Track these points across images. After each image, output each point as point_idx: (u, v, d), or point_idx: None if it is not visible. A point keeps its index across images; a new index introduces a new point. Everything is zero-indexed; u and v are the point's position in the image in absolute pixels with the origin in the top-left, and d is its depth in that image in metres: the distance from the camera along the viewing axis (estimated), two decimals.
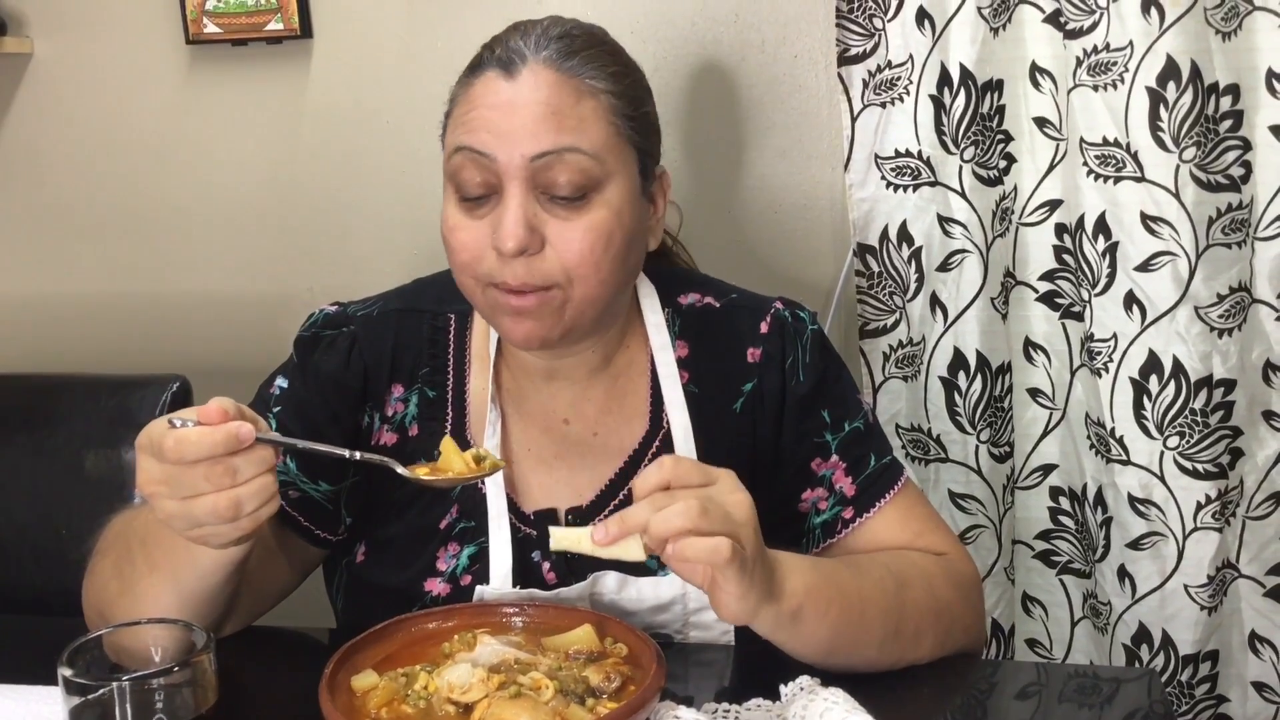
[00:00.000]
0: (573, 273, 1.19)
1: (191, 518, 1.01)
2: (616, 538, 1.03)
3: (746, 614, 1.06)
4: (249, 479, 1.01)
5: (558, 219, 1.19)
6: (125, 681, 0.92)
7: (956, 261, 1.78)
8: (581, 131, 1.19)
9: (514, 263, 1.18)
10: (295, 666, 1.30)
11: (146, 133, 2.09)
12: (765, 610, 1.07)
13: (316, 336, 1.34)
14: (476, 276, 1.22)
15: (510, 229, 1.17)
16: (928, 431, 1.85)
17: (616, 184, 1.22)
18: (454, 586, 1.27)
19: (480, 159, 1.19)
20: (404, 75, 1.99)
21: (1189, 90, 1.63)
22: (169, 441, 0.99)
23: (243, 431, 1.00)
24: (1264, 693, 1.81)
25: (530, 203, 1.19)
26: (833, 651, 1.14)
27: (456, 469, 1.13)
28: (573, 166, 1.18)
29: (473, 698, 1.00)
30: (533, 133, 1.17)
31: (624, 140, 1.23)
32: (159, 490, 1.01)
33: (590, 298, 1.21)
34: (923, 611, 1.21)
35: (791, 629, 1.10)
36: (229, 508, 1.00)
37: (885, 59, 1.75)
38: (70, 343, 2.16)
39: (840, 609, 1.13)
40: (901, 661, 1.19)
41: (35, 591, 1.63)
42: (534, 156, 1.17)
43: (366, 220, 2.06)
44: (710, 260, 1.60)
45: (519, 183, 1.18)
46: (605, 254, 1.20)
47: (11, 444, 1.68)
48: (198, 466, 0.99)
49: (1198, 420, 1.71)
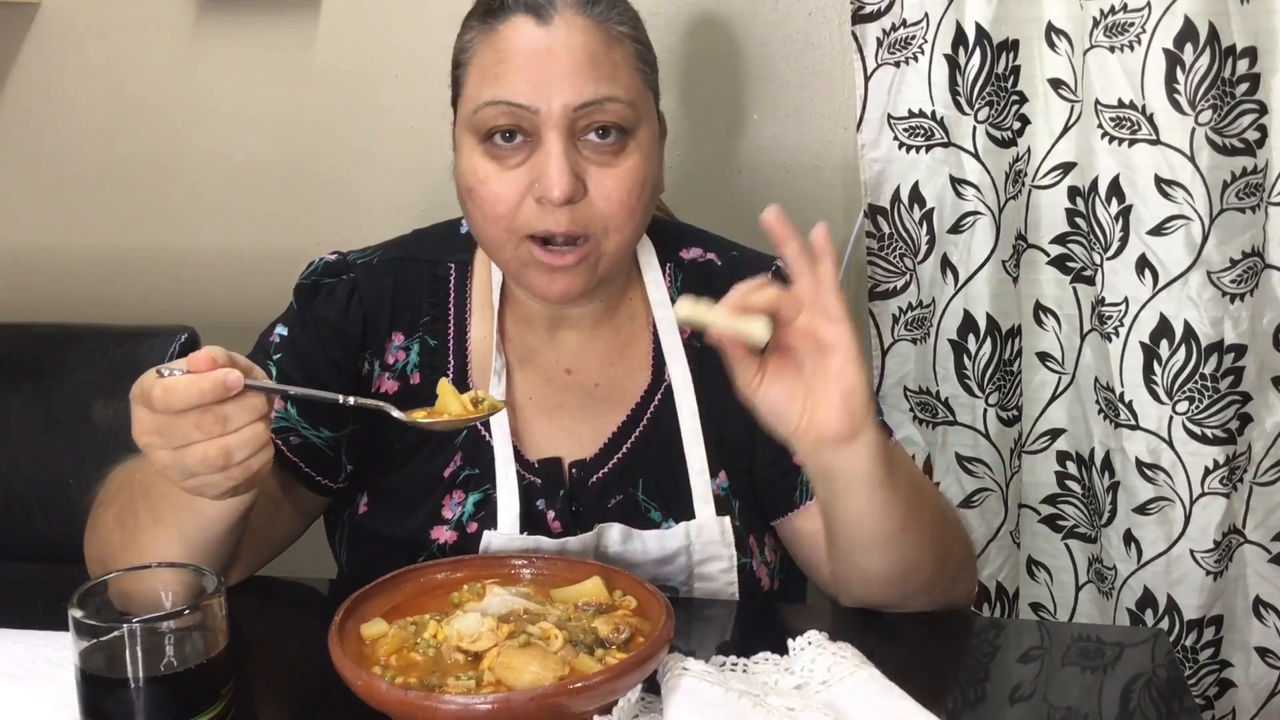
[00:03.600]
0: (610, 221, 1.21)
1: (184, 467, 1.01)
2: (746, 307, 1.04)
3: (860, 410, 1.07)
4: (239, 427, 1.00)
5: (596, 166, 1.20)
6: (136, 624, 0.91)
7: (968, 224, 1.77)
8: (616, 79, 1.20)
9: (558, 211, 1.18)
10: (302, 616, 1.31)
11: (155, 84, 2.08)
12: (870, 425, 1.08)
13: (316, 284, 1.34)
14: (511, 229, 1.21)
15: (557, 177, 1.17)
16: (936, 394, 1.84)
17: (645, 129, 1.23)
18: (461, 534, 1.27)
19: (519, 111, 1.18)
20: (413, 28, 1.97)
21: (1206, 52, 1.61)
22: (157, 390, 0.99)
23: (230, 379, 0.99)
24: (1267, 658, 1.82)
25: (571, 150, 1.19)
26: (906, 523, 1.15)
27: (454, 411, 1.12)
28: (612, 114, 1.19)
29: (482, 646, 1.01)
30: (575, 83, 1.17)
31: (646, 84, 1.25)
32: (152, 440, 1.01)
33: (624, 245, 1.24)
34: (953, 524, 1.27)
35: (889, 465, 1.10)
36: (219, 456, 0.99)
37: (900, 17, 1.73)
38: (78, 295, 2.16)
39: (911, 481, 1.17)
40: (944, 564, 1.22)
41: (42, 540, 1.63)
42: (577, 107, 1.17)
43: (375, 174, 2.05)
44: (719, 219, 1.59)
45: (559, 131, 1.18)
46: (639, 200, 1.22)
47: (19, 393, 1.68)
48: (187, 415, 0.99)
49: (1207, 385, 1.70)
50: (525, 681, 0.95)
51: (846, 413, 1.06)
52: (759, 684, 1.03)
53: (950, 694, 1.10)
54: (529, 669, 0.96)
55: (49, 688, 1.05)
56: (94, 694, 0.94)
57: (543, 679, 0.95)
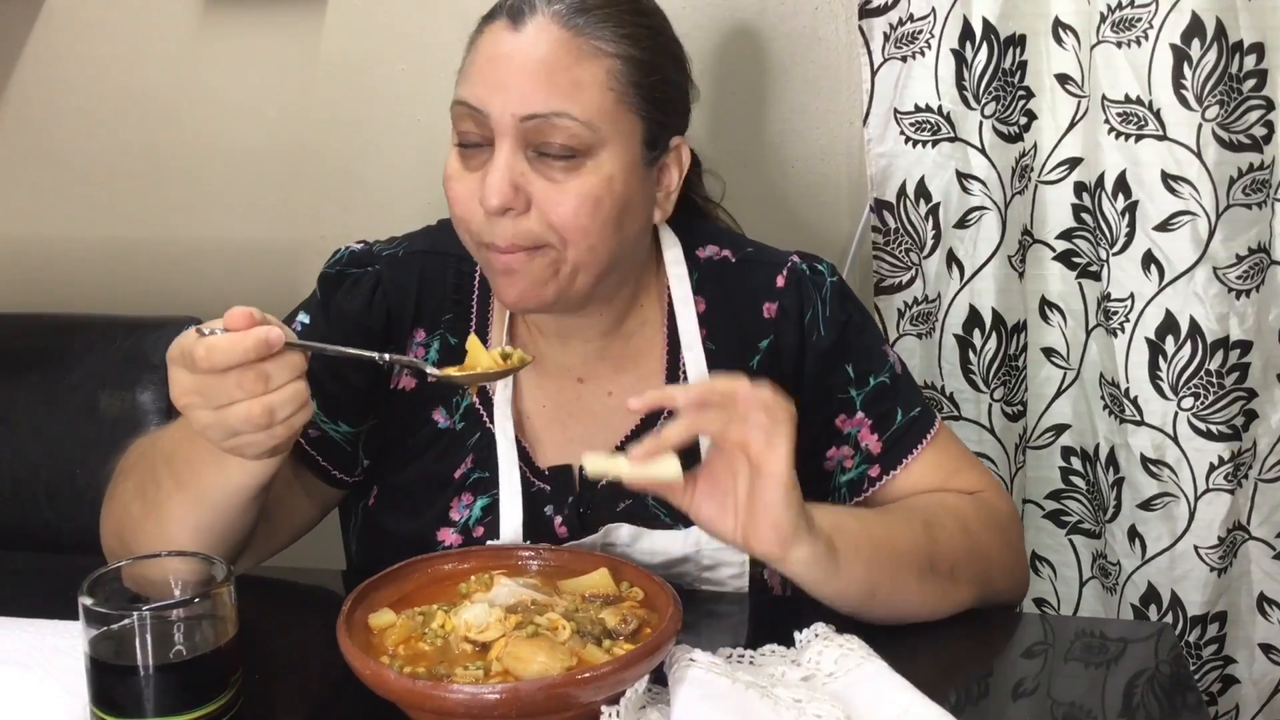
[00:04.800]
0: (563, 234, 1.17)
1: (227, 426, 1.00)
2: (653, 453, 1.03)
3: (788, 535, 1.05)
4: (281, 385, 1.00)
5: (545, 180, 1.17)
6: (146, 612, 0.92)
7: (974, 218, 1.77)
8: (574, 96, 1.16)
9: (500, 221, 1.17)
10: (311, 606, 1.31)
11: (160, 77, 2.08)
12: (802, 541, 1.06)
13: (341, 274, 1.33)
14: (470, 233, 1.21)
15: (493, 185, 1.15)
16: (941, 389, 1.84)
17: (611, 152, 1.18)
18: (466, 538, 1.27)
19: (474, 114, 1.17)
20: (419, 20, 1.97)
21: (1213, 48, 1.61)
22: (200, 350, 0.97)
23: (272, 335, 0.98)
24: (1271, 654, 1.82)
25: (518, 161, 1.17)
26: (873, 593, 1.13)
27: (485, 364, 1.13)
28: (563, 131, 1.15)
29: (490, 637, 1.01)
30: (524, 93, 1.15)
31: (626, 108, 1.19)
32: (193, 400, 1.00)
33: (583, 262, 1.19)
34: (956, 549, 1.20)
35: (830, 565, 1.09)
36: (263, 414, 0.99)
37: (907, 12, 1.73)
38: (84, 286, 2.16)
39: (871, 548, 1.12)
40: (945, 604, 1.19)
41: (49, 530, 1.63)
42: (524, 117, 1.15)
43: (380, 167, 2.05)
44: (725, 214, 1.59)
45: (508, 140, 1.16)
46: (593, 220, 1.18)
47: (25, 383, 1.68)
48: (229, 374, 0.98)
49: (1213, 381, 1.70)
50: (533, 672, 0.96)
51: (777, 540, 1.05)
52: (766, 675, 1.03)
53: (955, 687, 1.11)
54: (537, 659, 0.97)
55: (58, 676, 1.05)
56: (103, 682, 0.94)
57: (550, 669, 0.96)
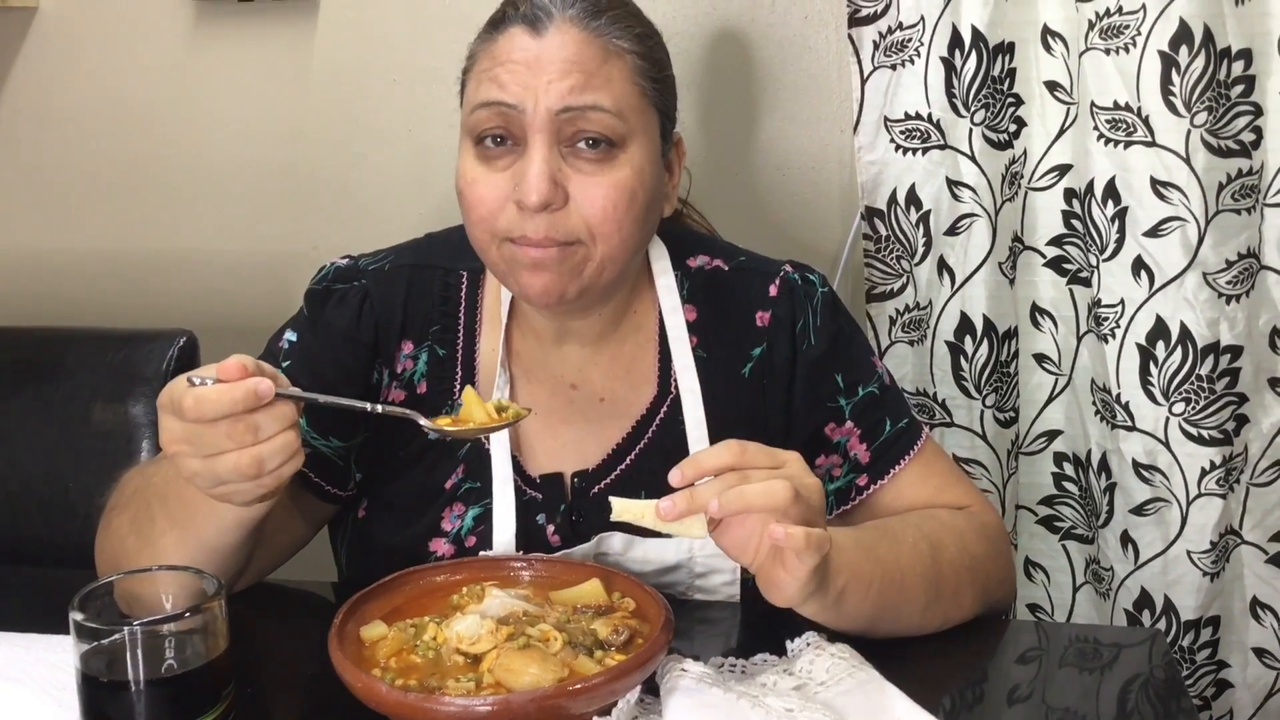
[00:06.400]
0: (596, 230, 1.19)
1: (215, 476, 1.01)
2: (684, 513, 1.01)
3: (800, 599, 1.04)
4: (271, 436, 1.00)
5: (581, 174, 1.19)
6: (137, 627, 0.92)
7: (965, 225, 1.77)
8: (607, 90, 1.19)
9: (536, 217, 1.18)
10: (302, 618, 1.31)
11: (153, 88, 2.08)
12: (813, 600, 1.06)
13: (328, 290, 1.33)
14: (493, 232, 1.21)
15: (534, 181, 1.16)
16: (933, 396, 1.85)
17: (639, 144, 1.21)
18: (458, 548, 1.27)
19: (507, 111, 1.18)
20: (411, 32, 1.98)
21: (1201, 54, 1.62)
22: (189, 400, 0.98)
23: (262, 388, 0.99)
24: (1264, 658, 1.82)
25: (554, 156, 1.18)
26: (875, 625, 1.13)
27: (479, 419, 1.12)
28: (597, 123, 1.18)
29: (481, 649, 1.01)
30: (559, 88, 1.17)
31: (647, 102, 1.23)
32: (182, 449, 1.01)
33: (611, 256, 1.21)
34: (959, 570, 1.21)
35: (836, 610, 1.09)
36: (251, 465, 0.99)
37: (896, 20, 1.74)
38: (76, 298, 2.16)
39: (881, 584, 1.12)
40: (945, 622, 1.19)
41: (42, 544, 1.62)
42: (560, 110, 1.17)
43: (373, 178, 2.05)
44: (717, 223, 1.60)
45: (543, 135, 1.17)
46: (628, 213, 1.20)
47: (18, 397, 1.68)
48: (219, 424, 0.99)
49: (1204, 386, 1.71)
50: (525, 683, 0.96)
51: (789, 602, 1.04)
52: (758, 685, 1.03)
53: (948, 695, 1.11)
54: (528, 671, 0.97)
55: (49, 691, 1.05)
56: (95, 697, 0.94)
57: (542, 681, 0.96)
